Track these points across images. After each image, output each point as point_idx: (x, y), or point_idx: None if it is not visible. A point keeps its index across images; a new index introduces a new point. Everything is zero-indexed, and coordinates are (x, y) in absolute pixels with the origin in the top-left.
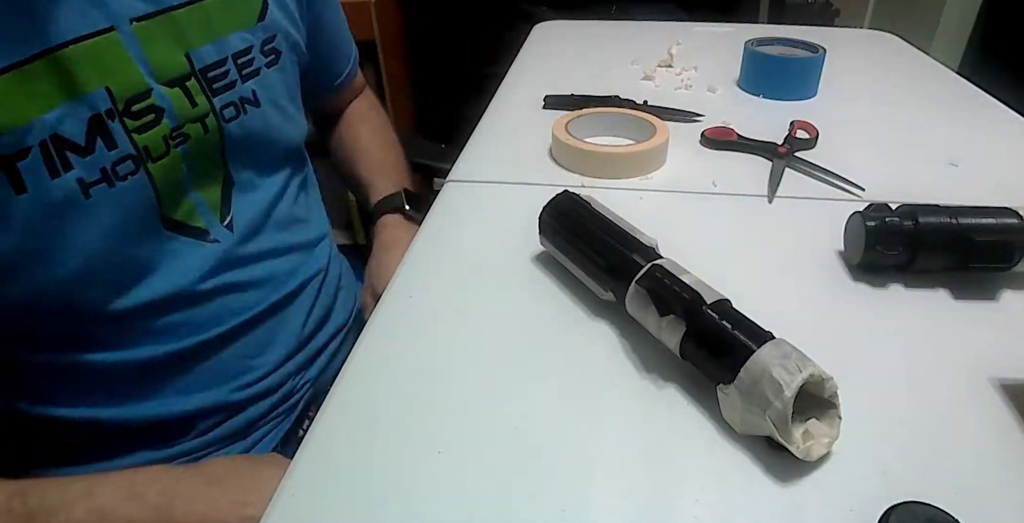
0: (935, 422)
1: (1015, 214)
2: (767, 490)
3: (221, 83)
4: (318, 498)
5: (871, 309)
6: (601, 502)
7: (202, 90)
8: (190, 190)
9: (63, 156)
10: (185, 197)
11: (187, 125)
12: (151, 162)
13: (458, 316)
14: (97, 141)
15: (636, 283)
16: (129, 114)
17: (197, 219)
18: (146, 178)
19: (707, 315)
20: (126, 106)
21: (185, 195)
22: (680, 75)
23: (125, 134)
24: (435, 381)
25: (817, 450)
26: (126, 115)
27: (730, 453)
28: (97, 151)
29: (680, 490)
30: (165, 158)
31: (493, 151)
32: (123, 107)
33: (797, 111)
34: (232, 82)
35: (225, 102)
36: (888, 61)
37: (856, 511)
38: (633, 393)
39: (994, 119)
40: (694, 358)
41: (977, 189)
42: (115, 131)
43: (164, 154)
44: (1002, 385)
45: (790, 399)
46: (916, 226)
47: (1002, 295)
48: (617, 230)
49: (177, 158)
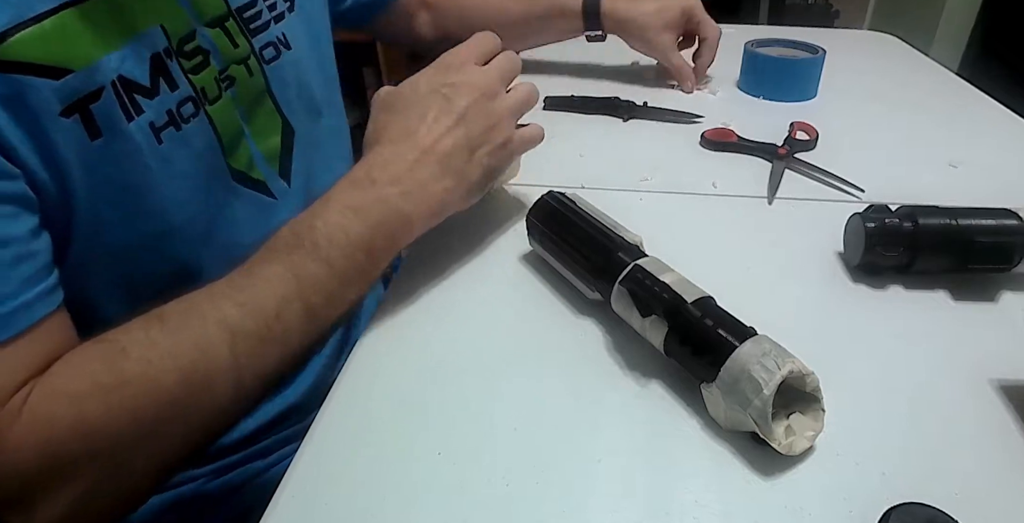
0: (935, 423)
1: (1015, 215)
2: (767, 490)
3: (256, 23)
4: (318, 498)
5: (871, 310)
6: (601, 502)
7: (241, 31)
8: (248, 139)
9: (132, 99)
10: (244, 146)
11: (231, 67)
12: (208, 104)
13: (457, 317)
14: (160, 82)
15: (619, 284)
16: (183, 54)
17: (255, 170)
18: (207, 122)
19: (687, 314)
20: (179, 45)
21: (244, 144)
22: None
23: (183, 74)
24: (434, 381)
25: (800, 444)
26: (181, 55)
27: (730, 453)
28: (162, 92)
29: (680, 490)
30: (219, 101)
31: None
32: (177, 46)
33: (797, 112)
34: (266, 22)
35: (263, 43)
36: (888, 62)
37: (856, 511)
38: (632, 393)
39: (994, 120)
40: (678, 356)
41: (977, 190)
42: (174, 71)
43: (218, 97)
44: (1002, 386)
45: (769, 397)
46: (916, 227)
47: (1002, 296)
48: (601, 229)
49: (229, 102)
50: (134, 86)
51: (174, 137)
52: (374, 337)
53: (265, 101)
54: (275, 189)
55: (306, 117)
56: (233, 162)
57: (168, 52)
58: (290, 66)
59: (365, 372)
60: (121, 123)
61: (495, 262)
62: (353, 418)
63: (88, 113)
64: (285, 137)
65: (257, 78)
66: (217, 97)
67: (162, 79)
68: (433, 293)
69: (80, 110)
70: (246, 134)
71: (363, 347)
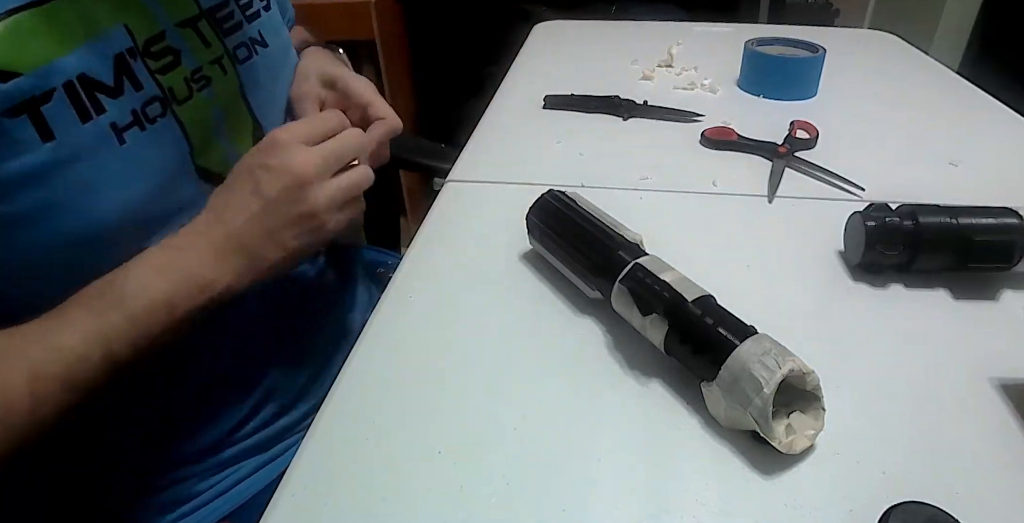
0: (935, 422)
1: (1015, 214)
2: (767, 489)
3: (229, 24)
4: (318, 498)
5: (871, 309)
6: (601, 500)
7: (213, 31)
8: (222, 138)
9: (94, 98)
10: (216, 146)
11: (205, 67)
12: (176, 104)
13: (457, 316)
14: (124, 81)
15: (619, 283)
16: (149, 54)
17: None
18: (174, 121)
19: (687, 313)
20: (145, 46)
21: (216, 143)
22: (680, 75)
23: (149, 74)
24: (434, 381)
25: (800, 443)
26: (146, 55)
27: (730, 452)
28: (126, 92)
29: (680, 489)
30: (190, 101)
31: (493, 151)
32: (143, 46)
33: (797, 111)
34: (239, 22)
35: (236, 43)
36: (888, 61)
37: (856, 511)
38: (632, 392)
39: (994, 118)
40: (678, 355)
41: (977, 189)
42: (139, 71)
43: (188, 97)
44: (1002, 385)
45: (769, 396)
46: (916, 226)
47: (1002, 295)
48: (601, 228)
49: (204, 103)
50: (96, 85)
51: (138, 137)
52: (374, 336)
53: (238, 102)
54: None
55: (281, 118)
56: (203, 161)
57: (132, 52)
58: (264, 66)
59: (365, 371)
60: (75, 125)
61: (495, 261)
62: (353, 417)
63: (38, 115)
64: (255, 139)
65: (231, 78)
66: (187, 97)
67: (126, 78)
68: (433, 292)
69: (29, 112)
70: (221, 134)
71: (363, 346)
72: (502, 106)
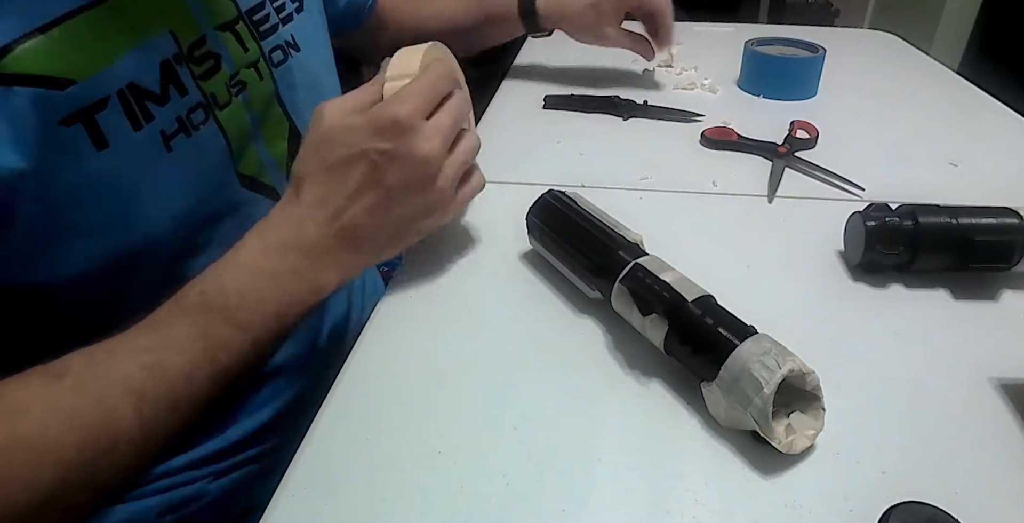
0: (935, 422)
1: (1015, 214)
2: (767, 490)
3: (265, 26)
4: (318, 498)
5: (871, 309)
6: (601, 500)
7: (251, 34)
8: (259, 143)
9: (143, 106)
10: (254, 151)
11: (242, 71)
12: (218, 109)
13: (457, 316)
14: (170, 89)
15: (619, 283)
16: (193, 59)
17: (266, 176)
18: (216, 127)
19: (687, 313)
20: (189, 51)
21: (254, 148)
22: (680, 75)
23: (193, 80)
24: (434, 380)
25: (800, 443)
26: (190, 60)
27: (730, 451)
28: (172, 99)
29: (680, 489)
30: (229, 106)
31: (493, 151)
32: (187, 52)
33: (797, 111)
34: (274, 25)
35: (272, 46)
36: (888, 61)
37: (856, 511)
38: (632, 391)
39: (994, 118)
40: (678, 355)
41: (977, 189)
42: (184, 77)
43: (228, 102)
44: (1002, 385)
45: (769, 396)
46: (916, 226)
47: (1002, 295)
48: (601, 228)
49: (240, 107)
50: (144, 93)
51: (184, 144)
52: (374, 336)
53: (274, 105)
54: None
55: None
56: (242, 168)
57: (178, 58)
58: (299, 69)
59: (365, 371)
60: (127, 133)
61: (495, 261)
62: (353, 417)
63: (93, 123)
64: (292, 142)
65: (267, 82)
66: (227, 102)
67: (172, 86)
68: (433, 292)
69: (84, 120)
70: (257, 139)
71: (363, 346)
72: (502, 106)
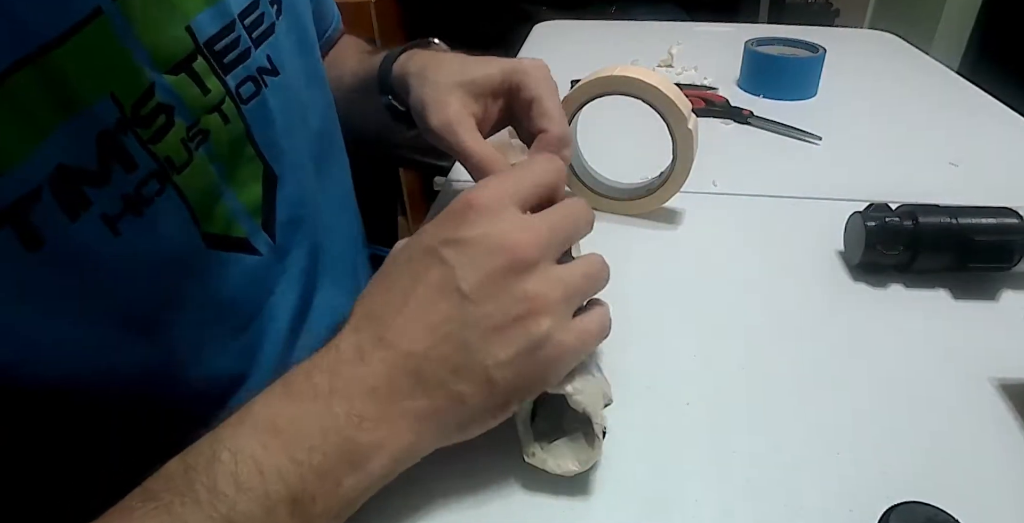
0: (935, 422)
1: (1015, 214)
2: (767, 490)
3: (232, 55)
4: None
5: (871, 309)
6: (601, 501)
7: (212, 70)
8: (228, 194)
9: (78, 191)
10: (222, 206)
11: (203, 118)
12: (176, 174)
13: None
14: (112, 164)
15: None
16: (139, 121)
17: (236, 228)
18: (175, 193)
19: None
20: (134, 112)
21: (222, 203)
22: (680, 75)
23: (141, 147)
24: None
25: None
26: (136, 124)
27: (730, 453)
28: (114, 176)
29: (680, 489)
30: (189, 167)
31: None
32: (131, 113)
33: (797, 111)
34: (245, 50)
35: (240, 79)
36: (888, 61)
37: (856, 511)
38: (632, 391)
39: (994, 118)
40: None
41: (977, 189)
42: (131, 147)
43: (187, 162)
44: (1002, 385)
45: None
46: (916, 226)
47: (1002, 295)
48: None
49: (203, 162)
50: (78, 174)
51: (133, 224)
52: None
53: (245, 147)
54: (258, 244)
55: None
56: (208, 227)
57: (121, 124)
58: (275, 97)
59: None
60: (64, 226)
61: None
62: None
63: (25, 221)
64: (266, 184)
65: (235, 123)
66: (186, 162)
67: (114, 159)
68: None
69: (11, 220)
70: (224, 191)
71: None
72: None
